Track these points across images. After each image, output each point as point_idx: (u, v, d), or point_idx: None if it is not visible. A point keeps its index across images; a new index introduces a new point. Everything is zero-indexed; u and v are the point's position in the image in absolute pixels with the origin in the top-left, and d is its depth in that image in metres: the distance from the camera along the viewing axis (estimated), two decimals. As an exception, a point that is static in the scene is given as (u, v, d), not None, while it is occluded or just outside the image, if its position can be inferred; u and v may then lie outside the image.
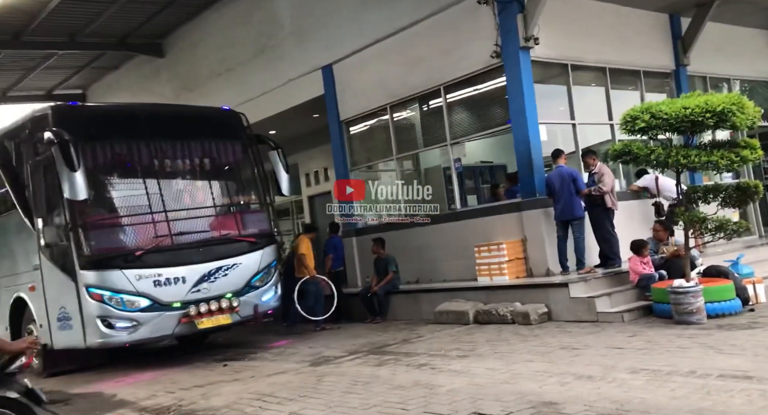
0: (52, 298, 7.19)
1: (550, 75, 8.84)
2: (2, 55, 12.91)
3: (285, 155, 8.40)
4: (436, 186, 10.35)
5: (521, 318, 7.06)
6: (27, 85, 15.14)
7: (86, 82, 15.95)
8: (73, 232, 6.73)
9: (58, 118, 6.86)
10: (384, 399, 4.49)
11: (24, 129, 7.32)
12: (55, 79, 15.33)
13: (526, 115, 7.96)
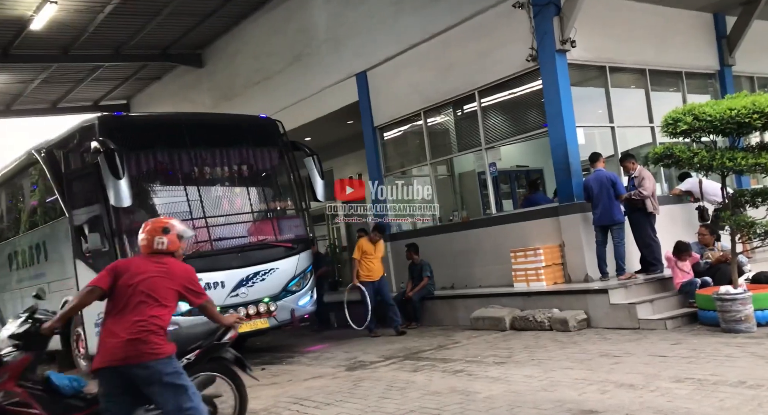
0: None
1: (587, 77, 8.70)
2: (53, 68, 13.50)
3: (320, 162, 8.49)
4: (470, 191, 10.31)
5: (559, 325, 6.93)
6: (75, 97, 15.77)
7: (130, 93, 16.52)
8: (118, 238, 6.94)
9: (104, 128, 7.10)
10: (420, 405, 4.47)
11: (72, 139, 7.61)
12: (101, 91, 15.93)
13: (563, 118, 7.85)
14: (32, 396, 3.46)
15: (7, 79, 13.74)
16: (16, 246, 9.27)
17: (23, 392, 3.46)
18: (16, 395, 3.43)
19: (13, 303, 9.50)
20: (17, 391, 3.43)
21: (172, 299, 3.43)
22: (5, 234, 9.81)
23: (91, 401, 3.59)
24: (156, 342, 3.24)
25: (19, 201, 9.55)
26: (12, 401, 3.41)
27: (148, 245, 3.53)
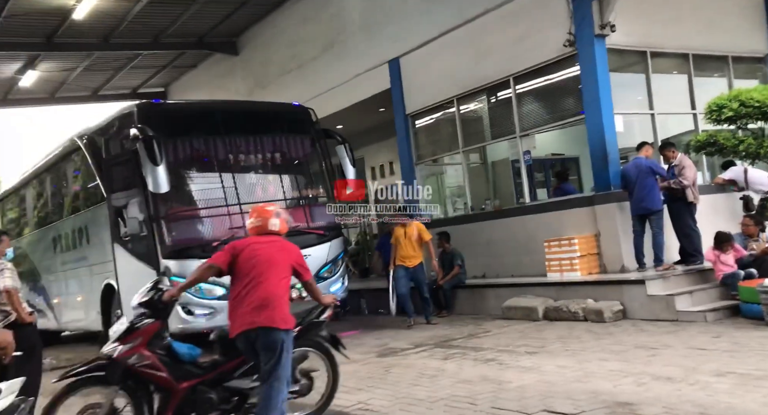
0: (129, 287, 7.48)
1: (627, 63, 8.44)
2: (94, 56, 13.83)
3: (351, 149, 8.49)
4: (503, 179, 10.17)
5: (594, 315, 6.80)
6: (115, 85, 16.15)
7: (167, 81, 16.82)
8: (156, 223, 7.10)
9: (142, 115, 7.24)
10: (451, 393, 4.47)
11: (112, 126, 7.79)
12: (140, 79, 16.27)
13: (600, 105, 7.64)
14: (160, 361, 3.76)
15: (51, 67, 14.14)
16: (60, 230, 9.59)
17: (153, 355, 3.75)
18: (147, 358, 3.71)
19: (57, 285, 9.86)
20: (148, 354, 3.72)
21: (289, 273, 3.76)
22: (50, 218, 10.16)
23: (206, 369, 3.89)
24: (285, 312, 3.64)
25: (63, 186, 9.86)
26: (144, 363, 3.69)
27: (263, 226, 3.86)
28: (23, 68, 13.64)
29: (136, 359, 3.69)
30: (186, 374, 3.81)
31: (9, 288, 4.68)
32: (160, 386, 3.75)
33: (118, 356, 3.68)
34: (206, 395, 3.80)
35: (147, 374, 3.72)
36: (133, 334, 3.75)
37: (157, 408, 3.79)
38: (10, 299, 4.69)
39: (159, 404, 3.79)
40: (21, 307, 4.76)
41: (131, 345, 3.71)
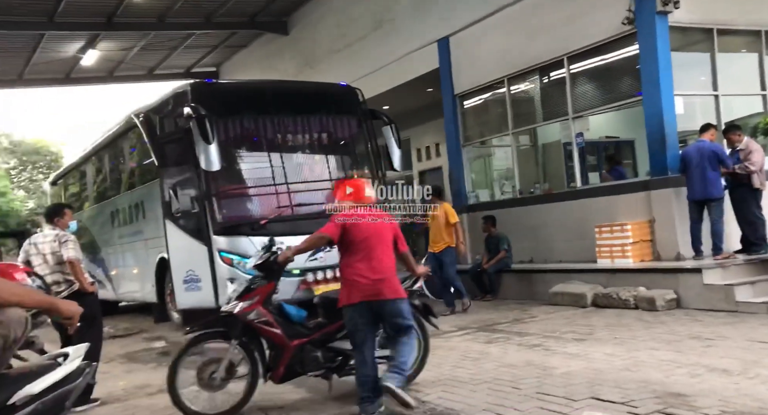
0: (180, 261, 7.70)
1: (690, 41, 8.02)
2: (150, 36, 14.21)
3: (398, 130, 8.45)
4: (554, 162, 9.92)
5: (645, 304, 6.60)
6: (169, 64, 16.58)
7: (219, 61, 17.14)
8: (207, 200, 7.29)
9: (196, 94, 7.41)
10: (495, 376, 4.44)
11: (167, 104, 8.00)
12: (193, 58, 16.64)
13: (660, 86, 7.32)
14: (275, 318, 4.02)
15: (110, 47, 14.62)
16: (118, 205, 10.00)
17: (269, 313, 4.02)
18: (264, 315, 3.98)
19: (115, 257, 10.32)
20: (264, 312, 3.99)
21: (392, 244, 3.99)
22: (108, 193, 10.60)
23: (312, 329, 4.14)
24: (399, 284, 3.91)
25: (121, 162, 10.25)
26: (261, 320, 3.96)
27: (359, 197, 4.07)
28: (84, 47, 14.15)
29: (254, 316, 3.95)
30: (296, 333, 4.05)
31: (72, 259, 4.92)
32: (273, 342, 4.02)
33: (239, 312, 3.93)
34: (313, 353, 4.07)
35: (264, 330, 3.98)
36: (251, 293, 4.01)
37: (269, 364, 4.05)
38: (74, 270, 4.93)
39: (271, 361, 4.05)
40: (83, 277, 5.00)
41: (250, 302, 3.97)
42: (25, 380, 1.94)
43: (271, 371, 4.05)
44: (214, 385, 3.97)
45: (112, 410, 4.56)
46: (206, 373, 3.98)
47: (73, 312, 2.19)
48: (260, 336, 4.04)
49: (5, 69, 14.95)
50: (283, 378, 4.09)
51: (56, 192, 14.22)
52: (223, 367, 3.95)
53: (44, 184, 26.88)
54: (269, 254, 4.15)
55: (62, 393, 2.00)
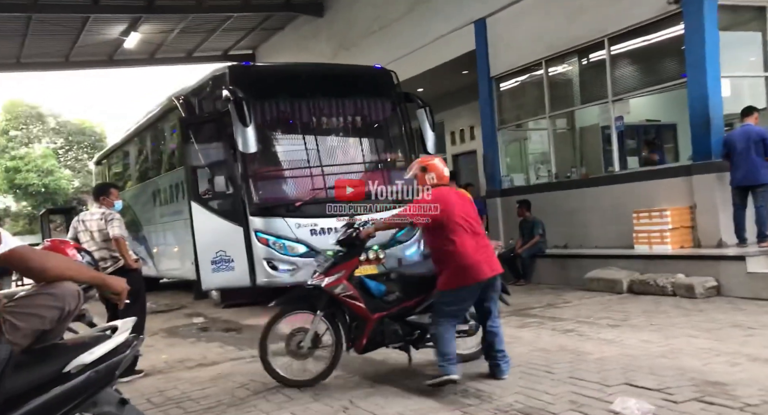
0: (207, 242, 7.54)
1: (740, 21, 7.70)
2: (189, 19, 14.43)
3: (432, 113, 8.41)
4: (591, 146, 9.72)
5: (684, 291, 6.47)
6: (207, 47, 16.82)
7: (255, 43, 17.28)
8: (244, 182, 7.43)
9: (234, 77, 7.51)
10: (527, 360, 4.44)
11: (206, 87, 8.14)
12: (230, 41, 16.83)
13: (705, 67, 7.07)
14: (359, 292, 4.19)
15: (151, 29, 14.89)
16: (159, 184, 10.28)
17: (353, 287, 4.19)
18: (349, 288, 4.16)
19: (156, 235, 10.64)
20: (349, 285, 4.18)
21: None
22: (150, 173, 10.90)
23: (391, 303, 4.28)
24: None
25: (161, 143, 10.51)
26: (346, 293, 4.15)
27: (440, 176, 4.16)
28: (127, 30, 14.45)
29: (340, 289, 4.13)
30: (377, 307, 4.21)
31: (118, 236, 5.12)
32: (356, 314, 4.18)
33: (326, 286, 4.12)
34: (392, 327, 4.23)
35: (349, 303, 4.15)
36: (337, 267, 4.19)
37: (351, 335, 4.24)
38: (119, 247, 5.13)
39: (352, 332, 4.23)
40: (128, 254, 5.20)
41: (336, 276, 4.15)
42: (78, 350, 2.05)
43: (354, 342, 4.23)
44: (300, 353, 4.18)
45: (155, 381, 4.75)
46: (294, 342, 4.20)
47: (122, 288, 2.30)
48: (344, 308, 4.21)
49: (53, 51, 15.40)
50: (365, 349, 4.27)
51: (101, 171, 14.70)
52: (309, 337, 4.15)
53: (89, 164, 27.80)
54: (352, 230, 4.32)
55: (112, 363, 2.11)
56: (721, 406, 3.21)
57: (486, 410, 3.44)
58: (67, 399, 1.95)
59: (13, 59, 15.45)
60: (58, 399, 1.92)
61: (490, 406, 3.51)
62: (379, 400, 3.80)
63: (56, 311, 2.00)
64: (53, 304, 1.98)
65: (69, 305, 2.05)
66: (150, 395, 4.33)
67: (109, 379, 2.11)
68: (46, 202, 28.38)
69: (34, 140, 32.18)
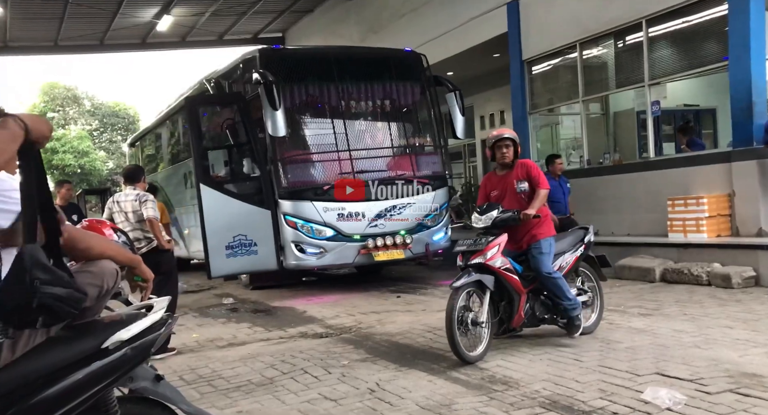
0: (221, 227, 7.29)
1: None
2: (220, 1, 14.47)
3: (462, 98, 8.30)
4: (626, 132, 9.49)
5: (720, 280, 6.31)
6: (238, 30, 16.88)
7: (285, 26, 17.28)
8: (273, 165, 7.47)
9: (264, 60, 7.52)
10: (555, 347, 4.41)
11: (236, 70, 8.19)
12: (260, 24, 16.85)
13: (750, 49, 6.82)
14: (507, 268, 4.32)
15: (183, 12, 14.99)
16: (190, 167, 10.42)
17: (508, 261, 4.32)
18: (506, 262, 4.30)
19: (187, 217, 10.83)
20: (506, 260, 4.31)
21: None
22: (181, 155, 11.06)
23: (529, 280, 4.43)
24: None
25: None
26: (505, 267, 4.28)
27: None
28: (160, 13, 14.59)
29: (500, 263, 4.26)
30: (524, 282, 4.37)
31: (152, 218, 5.23)
32: (513, 288, 4.31)
33: (488, 260, 4.21)
34: (536, 302, 4.46)
35: (507, 276, 4.27)
36: (491, 245, 4.26)
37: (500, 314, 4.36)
38: (153, 228, 5.24)
39: (504, 311, 4.35)
40: (161, 235, 5.31)
41: (495, 251, 4.25)
42: (116, 326, 2.10)
43: (509, 319, 4.35)
44: (466, 330, 4.19)
45: (187, 359, 4.87)
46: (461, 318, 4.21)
47: (149, 277, 2.36)
48: (502, 283, 4.28)
49: (88, 34, 15.67)
50: (522, 324, 4.42)
51: (134, 153, 14.99)
52: (475, 314, 4.20)
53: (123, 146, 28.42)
54: (512, 212, 4.38)
55: (148, 341, 2.15)
56: (757, 398, 3.13)
57: (513, 397, 3.42)
58: (105, 374, 2.00)
59: (50, 42, 15.78)
60: (97, 373, 1.98)
61: (517, 392, 3.50)
62: (405, 383, 3.82)
63: (95, 288, 2.05)
64: (93, 282, 2.03)
65: (108, 283, 2.09)
66: (182, 373, 4.44)
67: (144, 355, 2.16)
68: (81, 183, 29.18)
69: (70, 122, 33.01)
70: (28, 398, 1.87)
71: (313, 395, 3.70)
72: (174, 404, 2.22)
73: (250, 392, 3.89)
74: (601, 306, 4.90)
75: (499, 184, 4.68)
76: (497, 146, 4.60)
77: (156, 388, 2.21)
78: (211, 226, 7.31)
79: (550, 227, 4.56)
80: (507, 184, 4.62)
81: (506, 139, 4.58)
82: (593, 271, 4.91)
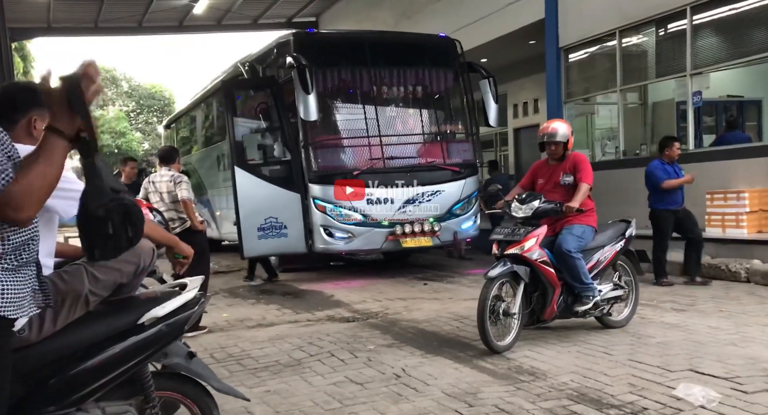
0: (253, 209, 7.40)
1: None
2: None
3: (496, 85, 8.17)
4: (664, 123, 9.22)
5: (759, 277, 6.12)
6: (272, 14, 16.91)
7: (319, 11, 17.23)
8: (304, 149, 7.51)
9: (298, 44, 7.53)
10: (585, 340, 4.35)
11: (270, 54, 8.22)
12: (294, 8, 16.85)
13: (800, 38, 6.49)
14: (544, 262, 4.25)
15: (220, -6, 15.12)
16: (223, 150, 10.56)
17: (545, 254, 4.26)
18: (543, 255, 4.24)
19: (219, 199, 11.00)
20: (544, 253, 4.25)
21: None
22: (215, 138, 11.21)
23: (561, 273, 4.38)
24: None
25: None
26: (542, 259, 4.23)
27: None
28: (197, -5, 14.73)
29: (537, 255, 4.21)
30: (559, 274, 4.32)
31: (186, 199, 5.32)
32: (548, 280, 4.25)
33: (525, 252, 4.18)
34: (569, 295, 4.39)
35: (543, 268, 4.22)
36: (529, 236, 4.23)
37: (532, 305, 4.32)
38: (187, 209, 5.34)
39: (537, 302, 4.31)
40: (195, 216, 5.41)
41: (533, 242, 4.21)
42: (152, 303, 2.16)
43: (542, 310, 4.31)
44: (496, 320, 4.17)
45: (218, 338, 4.98)
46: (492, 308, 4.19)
47: (190, 253, 2.40)
48: (537, 274, 4.23)
49: (127, 17, 15.92)
50: (554, 316, 4.38)
51: (169, 135, 15.26)
52: (507, 304, 4.18)
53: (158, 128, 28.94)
54: (555, 204, 4.33)
55: (182, 318, 2.21)
56: (795, 400, 3.04)
57: (540, 388, 3.40)
58: (141, 348, 2.06)
59: (91, 23, 16.09)
60: (133, 348, 2.04)
61: (544, 383, 3.47)
62: (431, 370, 3.83)
63: (133, 265, 2.10)
64: (131, 259, 2.08)
65: (144, 261, 2.15)
66: (213, 351, 4.55)
67: (178, 332, 2.22)
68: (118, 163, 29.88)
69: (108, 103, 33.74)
70: (69, 368, 1.94)
71: (339, 378, 3.74)
72: (205, 380, 2.28)
73: (277, 372, 3.96)
74: (636, 301, 4.82)
75: (546, 174, 4.67)
76: (547, 143, 4.62)
77: (189, 364, 2.27)
78: (244, 208, 7.44)
79: (592, 219, 4.52)
80: (554, 175, 4.60)
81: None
82: (631, 265, 4.84)
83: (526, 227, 4.29)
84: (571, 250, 4.29)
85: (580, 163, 4.56)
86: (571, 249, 4.30)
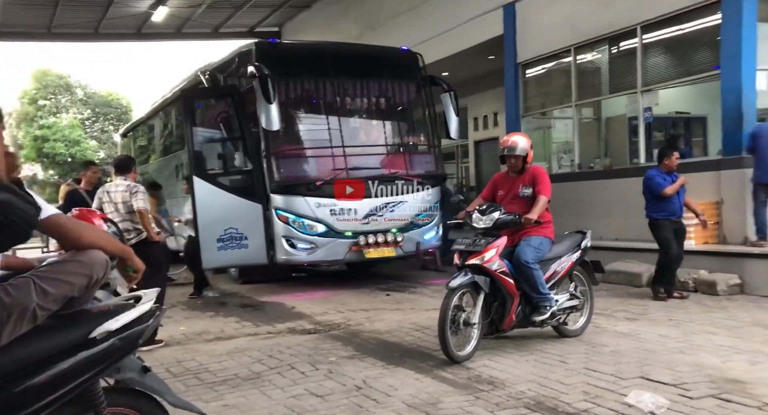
0: (212, 219, 7.28)
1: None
2: (217, -7, 14.37)
3: (456, 98, 8.32)
4: (617, 137, 9.56)
5: (706, 287, 6.39)
6: (234, 23, 16.74)
7: (281, 21, 17.17)
8: (266, 159, 7.45)
9: (260, 53, 7.49)
10: (541, 349, 4.45)
11: (232, 63, 8.16)
12: (256, 17, 16.73)
13: (741, 59, 6.88)
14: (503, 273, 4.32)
15: (179, 3, 14.83)
16: (182, 159, 10.37)
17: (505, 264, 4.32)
18: (503, 265, 4.30)
19: (179, 208, 10.77)
20: (504, 263, 4.31)
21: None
22: (174, 147, 11.00)
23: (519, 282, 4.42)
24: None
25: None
26: (501, 270, 4.28)
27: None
28: (155, 3, 14.44)
29: (497, 266, 4.26)
30: (518, 284, 4.38)
31: (142, 209, 5.20)
32: (507, 291, 4.31)
33: (485, 262, 4.21)
34: (526, 305, 4.46)
35: (503, 279, 4.28)
36: (490, 247, 4.27)
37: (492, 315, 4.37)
38: (142, 219, 5.21)
39: (496, 312, 4.36)
40: (151, 227, 5.28)
41: (493, 253, 4.26)
42: (104, 317, 2.09)
43: (500, 320, 4.37)
44: (457, 330, 4.18)
45: (174, 351, 4.86)
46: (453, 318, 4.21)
47: (140, 268, 2.35)
48: (496, 285, 4.28)
49: (83, 22, 15.50)
50: (513, 326, 4.44)
51: (126, 144, 14.88)
52: (467, 314, 4.21)
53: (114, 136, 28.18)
54: (514, 215, 4.41)
55: (136, 332, 2.15)
56: (738, 404, 3.18)
57: (498, 397, 3.45)
58: (92, 364, 2.00)
59: (44, 29, 15.59)
60: (84, 363, 1.97)
61: (502, 392, 3.52)
62: (392, 381, 3.84)
63: (85, 278, 2.04)
64: (82, 271, 2.02)
65: (97, 273, 2.09)
66: (169, 365, 4.43)
67: (132, 347, 2.16)
68: (72, 172, 28.89)
69: (62, 110, 32.63)
70: (15, 385, 1.86)
71: (299, 391, 3.71)
72: (160, 395, 2.22)
73: (236, 386, 3.89)
74: (591, 311, 4.95)
75: (506, 186, 4.77)
76: (507, 156, 4.72)
77: (143, 379, 2.21)
78: (203, 218, 7.32)
79: (549, 231, 4.62)
80: (514, 187, 4.70)
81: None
82: (586, 275, 4.96)
83: (486, 238, 4.36)
84: (529, 261, 4.39)
85: (539, 175, 4.67)
86: (529, 260, 4.39)
